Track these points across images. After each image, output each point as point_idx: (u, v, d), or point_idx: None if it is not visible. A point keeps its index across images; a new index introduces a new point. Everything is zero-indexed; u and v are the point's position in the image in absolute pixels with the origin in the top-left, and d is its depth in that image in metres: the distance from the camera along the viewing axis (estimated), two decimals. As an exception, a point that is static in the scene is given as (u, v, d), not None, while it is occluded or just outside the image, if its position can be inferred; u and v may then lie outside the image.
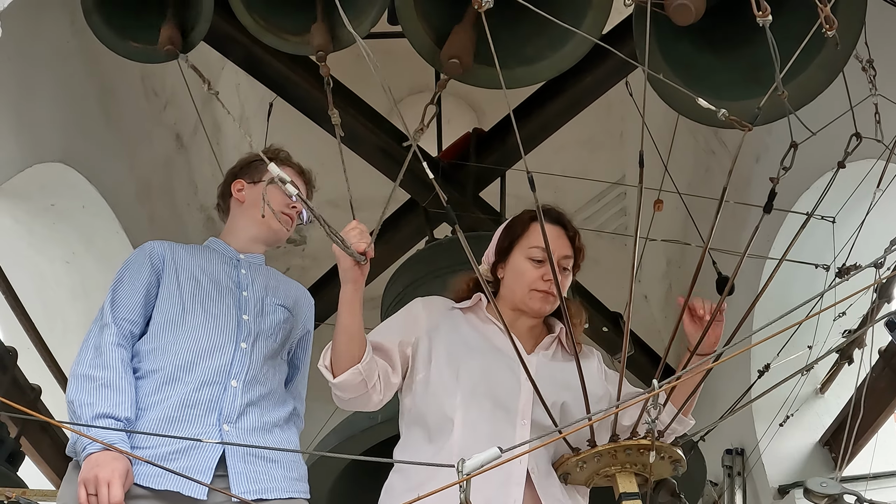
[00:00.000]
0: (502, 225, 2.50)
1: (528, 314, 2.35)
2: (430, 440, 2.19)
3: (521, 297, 2.32)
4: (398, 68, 4.73)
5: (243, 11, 2.89)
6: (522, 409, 2.19)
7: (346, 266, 1.99)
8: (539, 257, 2.32)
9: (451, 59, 2.51)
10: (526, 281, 2.32)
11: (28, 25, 3.35)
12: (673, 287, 5.84)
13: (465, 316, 2.38)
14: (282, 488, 2.20)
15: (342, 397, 2.16)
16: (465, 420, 2.16)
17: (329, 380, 2.12)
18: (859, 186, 2.99)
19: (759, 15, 1.84)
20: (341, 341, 2.09)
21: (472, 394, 2.19)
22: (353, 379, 2.10)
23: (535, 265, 2.32)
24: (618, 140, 6.30)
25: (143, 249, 2.45)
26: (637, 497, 1.97)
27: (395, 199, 4.58)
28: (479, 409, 2.18)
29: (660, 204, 2.51)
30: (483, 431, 2.13)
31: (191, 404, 2.19)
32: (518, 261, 2.36)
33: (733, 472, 4.49)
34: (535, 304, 2.32)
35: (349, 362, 2.09)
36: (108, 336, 2.23)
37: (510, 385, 2.22)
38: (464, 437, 2.13)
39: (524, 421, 2.17)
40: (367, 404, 2.21)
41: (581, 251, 2.41)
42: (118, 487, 1.97)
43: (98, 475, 1.98)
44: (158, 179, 4.84)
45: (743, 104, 2.38)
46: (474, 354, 2.26)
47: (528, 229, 2.39)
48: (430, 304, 2.39)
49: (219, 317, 2.34)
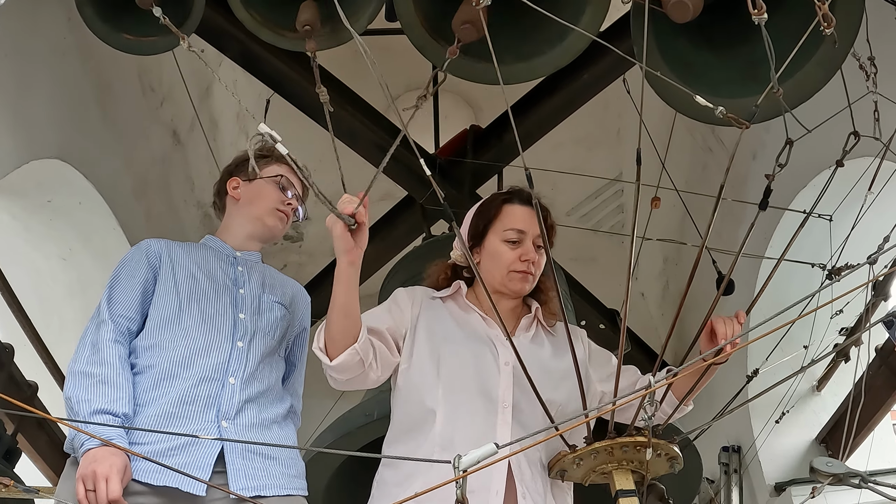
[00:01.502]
0: (472, 209, 2.50)
1: (508, 296, 2.37)
2: (414, 430, 2.20)
3: (500, 279, 2.34)
4: (395, 65, 4.73)
5: (240, 7, 2.89)
6: (503, 394, 2.20)
7: (337, 233, 1.97)
8: (514, 238, 2.34)
9: (463, 24, 2.47)
10: (504, 262, 2.34)
11: (24, 22, 3.34)
12: (670, 284, 5.85)
13: (444, 305, 2.39)
14: (280, 485, 2.20)
15: (339, 379, 2.15)
16: (447, 410, 2.18)
17: (325, 363, 2.11)
18: (856, 184, 2.99)
19: (754, 13, 1.84)
20: (337, 320, 2.07)
21: (454, 383, 2.21)
22: (351, 359, 2.10)
23: (512, 246, 2.34)
24: (615, 137, 6.31)
25: (140, 247, 2.45)
26: (633, 494, 1.97)
27: (393, 196, 4.63)
28: (460, 398, 2.19)
29: (657, 201, 2.51)
30: (465, 419, 2.16)
31: (189, 400, 2.19)
32: (494, 244, 2.37)
33: (730, 469, 4.49)
34: (515, 284, 2.33)
35: (345, 343, 2.08)
36: (106, 333, 2.23)
37: (490, 371, 2.23)
38: (446, 426, 2.15)
39: (505, 406, 2.18)
40: (365, 383, 2.20)
41: (553, 228, 2.41)
42: (116, 483, 1.97)
43: (96, 470, 1.98)
44: (155, 176, 4.83)
45: (740, 102, 2.38)
46: (455, 344, 2.28)
47: (500, 212, 2.40)
48: (412, 293, 2.40)
49: (215, 316, 2.34)
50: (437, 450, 2.12)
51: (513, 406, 2.19)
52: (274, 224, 2.53)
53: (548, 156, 5.42)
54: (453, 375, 2.22)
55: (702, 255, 2.18)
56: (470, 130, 4.54)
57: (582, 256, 6.00)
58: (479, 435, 2.10)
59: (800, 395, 4.25)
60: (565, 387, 2.23)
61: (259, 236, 2.57)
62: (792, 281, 3.76)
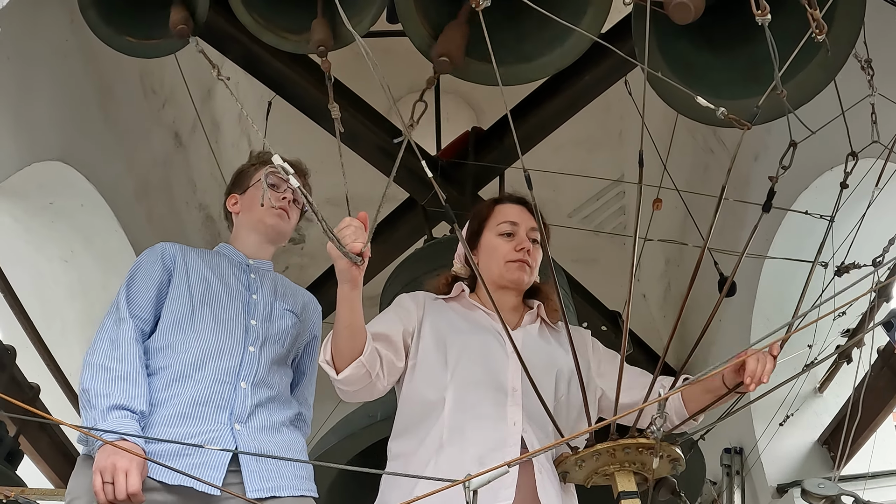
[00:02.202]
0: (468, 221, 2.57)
1: (509, 288, 2.39)
2: (422, 418, 2.22)
3: (498, 271, 2.38)
4: (397, 67, 4.73)
5: (242, 10, 2.89)
6: (511, 378, 2.24)
7: (342, 267, 1.95)
8: (508, 230, 2.41)
9: (440, 56, 2.53)
10: (500, 254, 2.39)
11: (27, 24, 3.34)
12: (672, 286, 5.84)
13: (448, 304, 2.44)
14: (293, 486, 2.21)
15: (347, 391, 2.17)
16: (457, 395, 2.21)
17: (332, 376, 2.13)
18: (858, 185, 2.99)
19: (758, 14, 1.84)
20: (343, 337, 2.09)
21: (462, 370, 2.24)
22: (357, 372, 2.11)
23: (507, 239, 2.41)
24: (617, 139, 6.30)
25: (155, 249, 2.48)
26: (636, 496, 1.96)
27: (394, 198, 4.64)
28: (468, 383, 2.23)
29: (659, 203, 2.51)
30: (474, 401, 2.19)
31: (203, 402, 2.20)
32: (489, 239, 2.43)
33: (732, 471, 4.49)
34: (513, 274, 2.37)
35: (351, 356, 2.10)
36: (126, 331, 2.24)
37: (498, 357, 2.27)
38: (455, 411, 2.18)
39: (515, 390, 2.22)
40: (373, 393, 2.22)
41: (546, 226, 2.44)
42: (136, 476, 1.98)
43: (116, 463, 1.97)
44: (157, 178, 4.83)
45: (742, 103, 2.38)
46: (461, 334, 2.31)
47: (493, 211, 2.48)
48: (415, 296, 2.44)
49: (227, 321, 2.36)
50: (447, 433, 2.15)
51: (522, 392, 2.21)
52: (274, 222, 2.55)
53: (549, 157, 5.43)
54: (461, 362, 2.26)
55: (703, 257, 2.17)
56: (472, 132, 4.53)
57: (584, 258, 5.99)
58: (489, 418, 2.15)
59: (802, 397, 4.24)
60: (569, 381, 2.28)
61: (267, 238, 2.59)
62: (793, 282, 3.76)
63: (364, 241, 1.91)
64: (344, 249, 1.87)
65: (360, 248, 1.90)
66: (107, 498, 1.97)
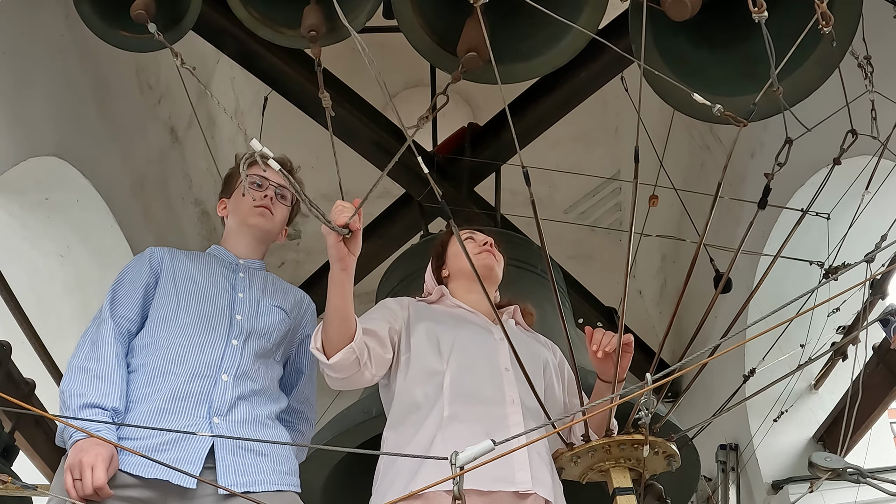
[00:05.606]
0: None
1: (485, 280, 2.44)
2: (420, 405, 2.26)
3: (469, 268, 2.43)
4: (393, 62, 4.73)
5: (238, 4, 2.89)
6: (503, 359, 2.34)
7: (331, 242, 2.02)
8: (469, 236, 2.64)
9: (468, 51, 2.50)
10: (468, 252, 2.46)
11: (22, 19, 3.33)
12: (668, 282, 5.85)
13: (431, 306, 2.55)
14: (270, 481, 2.21)
15: (336, 377, 2.21)
16: (454, 379, 2.27)
17: (323, 361, 2.17)
18: (854, 183, 3.00)
19: (754, 11, 1.84)
20: (333, 323, 2.13)
21: (457, 353, 2.32)
22: (347, 358, 2.15)
23: (470, 241, 2.62)
24: (613, 135, 6.31)
25: (143, 254, 2.53)
26: (631, 492, 1.97)
27: (390, 193, 4.63)
28: (464, 367, 2.30)
29: (655, 199, 2.51)
30: (472, 388, 2.25)
31: (181, 396, 2.22)
32: (453, 251, 2.64)
33: (727, 467, 4.50)
34: (483, 260, 2.55)
35: (342, 342, 2.14)
36: (106, 331, 2.29)
37: (488, 341, 2.39)
38: (454, 395, 2.23)
39: (507, 369, 2.32)
40: (361, 381, 2.27)
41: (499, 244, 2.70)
42: (101, 471, 2.00)
43: (82, 460, 2.02)
44: (153, 173, 4.82)
45: (738, 100, 2.38)
46: (451, 327, 2.41)
47: (449, 239, 2.68)
48: (400, 300, 2.53)
49: (212, 316, 2.38)
50: (448, 413, 2.19)
51: (514, 371, 2.29)
52: (258, 221, 2.58)
53: (546, 153, 5.44)
54: (455, 349, 2.33)
55: (699, 253, 2.18)
56: (468, 128, 4.54)
57: (580, 254, 6.00)
58: (487, 390, 2.23)
59: (797, 394, 4.26)
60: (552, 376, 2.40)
61: (254, 238, 2.62)
62: (789, 279, 3.77)
63: (349, 216, 1.99)
64: (329, 223, 1.96)
65: (346, 220, 1.98)
66: (77, 494, 2.00)
